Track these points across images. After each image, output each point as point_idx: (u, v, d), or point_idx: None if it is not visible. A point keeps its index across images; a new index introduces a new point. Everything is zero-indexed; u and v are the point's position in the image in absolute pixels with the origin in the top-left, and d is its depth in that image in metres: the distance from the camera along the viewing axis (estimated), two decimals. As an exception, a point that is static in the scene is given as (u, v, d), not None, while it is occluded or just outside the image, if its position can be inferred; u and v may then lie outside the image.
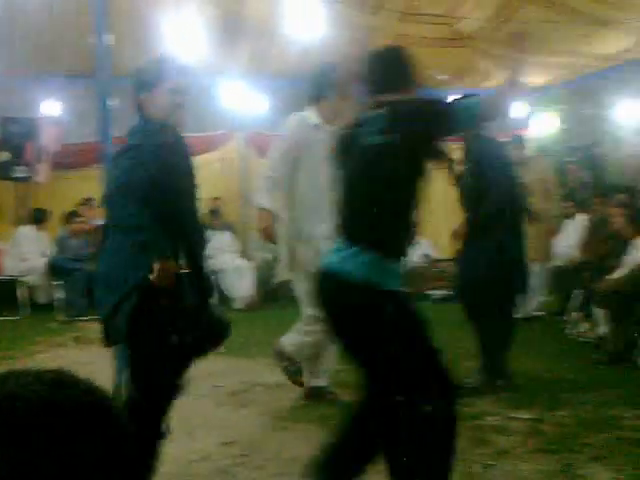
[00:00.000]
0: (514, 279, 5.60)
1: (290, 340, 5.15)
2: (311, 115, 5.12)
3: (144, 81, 3.72)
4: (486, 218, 5.40)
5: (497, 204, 5.41)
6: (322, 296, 3.15)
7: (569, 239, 8.75)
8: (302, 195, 5.07)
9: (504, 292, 5.54)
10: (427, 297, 10.30)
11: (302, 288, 5.09)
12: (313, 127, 5.05)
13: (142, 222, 3.41)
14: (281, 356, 5.18)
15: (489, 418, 4.86)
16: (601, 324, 6.69)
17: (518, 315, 6.26)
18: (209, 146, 11.07)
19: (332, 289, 3.09)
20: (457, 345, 5.64)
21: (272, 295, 10.23)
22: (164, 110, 3.69)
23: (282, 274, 5.44)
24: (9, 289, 9.76)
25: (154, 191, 3.41)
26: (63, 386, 0.93)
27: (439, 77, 11.39)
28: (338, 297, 3.05)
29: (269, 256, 10.01)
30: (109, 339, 3.66)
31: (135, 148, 3.57)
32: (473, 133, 5.48)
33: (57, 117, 10.85)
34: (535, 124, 12.17)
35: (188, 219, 3.73)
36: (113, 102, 5.48)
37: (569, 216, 9.40)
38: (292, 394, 5.34)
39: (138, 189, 3.38)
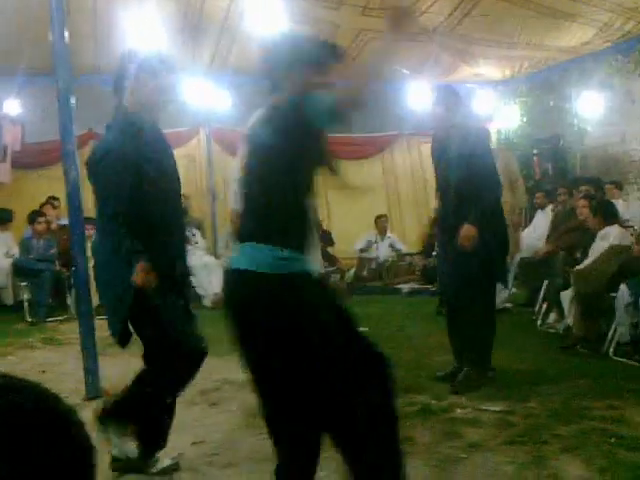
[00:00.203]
0: (498, 272, 5.61)
1: None
2: None
3: (128, 73, 3.72)
4: (488, 213, 5.37)
5: (496, 198, 5.41)
6: (227, 297, 2.99)
7: (540, 230, 8.80)
8: None
9: (491, 286, 5.56)
10: (397, 291, 10.36)
11: None
12: None
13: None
14: None
15: (460, 411, 4.87)
16: (569, 315, 6.74)
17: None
18: (176, 142, 11.00)
19: (234, 287, 2.94)
20: (428, 338, 5.65)
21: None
22: (147, 104, 3.71)
23: None
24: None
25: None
26: (11, 391, 0.91)
27: (402, 71, 11.42)
28: (241, 294, 2.90)
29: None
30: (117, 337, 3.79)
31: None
32: (449, 123, 5.45)
33: (17, 116, 10.72)
34: (499, 117, 12.25)
35: (172, 218, 3.78)
36: (74, 100, 5.42)
37: (541, 206, 9.46)
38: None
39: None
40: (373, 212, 11.84)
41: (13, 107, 10.69)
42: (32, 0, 8.47)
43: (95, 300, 5.36)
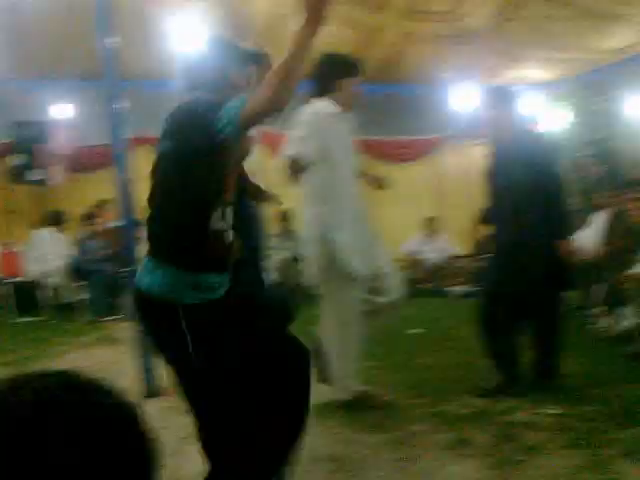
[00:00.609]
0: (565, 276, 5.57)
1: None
2: (327, 105, 4.97)
3: None
4: (567, 216, 5.35)
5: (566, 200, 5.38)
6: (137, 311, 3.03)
7: (597, 232, 8.65)
8: (330, 189, 4.89)
9: (559, 290, 5.53)
10: (447, 293, 10.38)
11: (342, 295, 4.95)
12: (332, 116, 4.92)
13: None
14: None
15: (516, 414, 4.84)
16: (625, 319, 6.66)
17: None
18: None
19: (138, 304, 2.96)
20: (477, 342, 5.58)
21: (290, 294, 10.10)
22: None
23: (309, 278, 5.22)
24: (32, 291, 9.87)
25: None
26: (77, 388, 0.93)
27: (444, 74, 11.40)
28: (144, 312, 2.94)
29: (287, 255, 9.93)
30: None
31: None
32: (504, 126, 5.39)
33: (69, 120, 10.88)
34: (546, 119, 12.14)
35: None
36: (123, 104, 5.49)
37: (600, 207, 9.32)
38: (317, 391, 5.27)
39: None
40: (422, 214, 11.84)
41: (64, 111, 10.85)
42: (81, 5, 8.60)
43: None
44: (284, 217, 10.47)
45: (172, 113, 2.93)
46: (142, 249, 6.28)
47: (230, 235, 2.95)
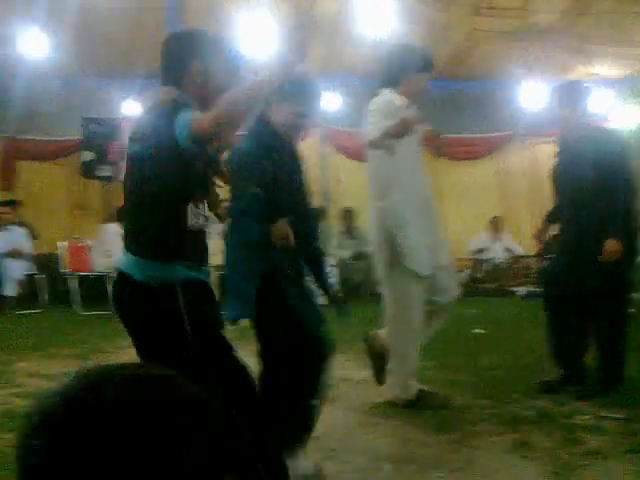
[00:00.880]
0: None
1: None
2: (394, 97, 4.94)
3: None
4: (628, 218, 5.23)
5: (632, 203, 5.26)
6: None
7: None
8: (395, 181, 4.86)
9: (624, 292, 5.43)
10: (512, 294, 10.25)
11: (405, 290, 4.94)
12: (399, 107, 4.89)
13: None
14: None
15: (580, 417, 4.74)
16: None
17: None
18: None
19: (115, 287, 3.10)
20: (545, 343, 5.51)
21: (353, 292, 10.14)
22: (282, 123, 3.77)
23: (376, 275, 5.23)
24: (99, 285, 10.06)
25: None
26: (160, 381, 0.94)
27: (515, 71, 11.27)
28: (118, 294, 3.07)
29: (347, 254, 9.95)
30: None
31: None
32: (575, 124, 5.30)
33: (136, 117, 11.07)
34: (617, 117, 11.91)
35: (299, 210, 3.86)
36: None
37: None
38: (379, 390, 5.31)
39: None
40: (486, 213, 11.72)
41: (132, 108, 11.04)
42: (150, 4, 8.75)
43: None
44: (347, 215, 10.47)
45: (140, 116, 3.03)
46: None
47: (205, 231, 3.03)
